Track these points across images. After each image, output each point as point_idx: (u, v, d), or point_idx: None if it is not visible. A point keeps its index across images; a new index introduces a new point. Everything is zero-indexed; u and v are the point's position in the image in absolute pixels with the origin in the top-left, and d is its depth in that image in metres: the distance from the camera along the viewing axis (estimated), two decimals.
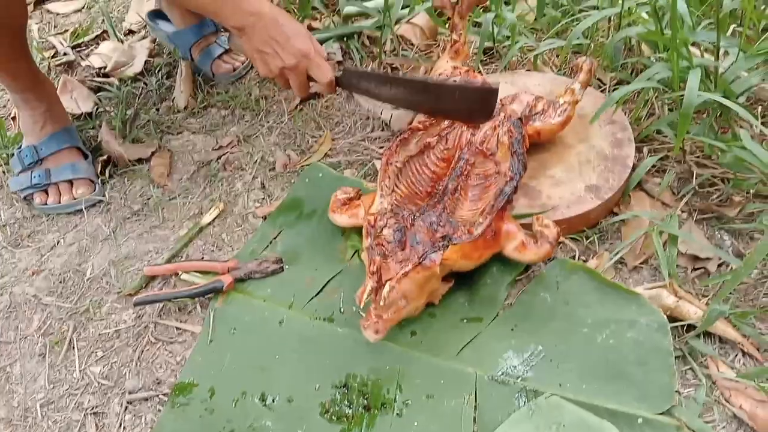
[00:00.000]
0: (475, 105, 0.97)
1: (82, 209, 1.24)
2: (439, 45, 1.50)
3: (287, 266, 1.06)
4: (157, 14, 1.60)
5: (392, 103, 1.06)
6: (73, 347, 1.04)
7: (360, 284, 0.95)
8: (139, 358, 1.00)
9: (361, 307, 0.88)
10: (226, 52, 1.51)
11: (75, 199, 1.24)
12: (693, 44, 1.19)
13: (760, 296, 0.94)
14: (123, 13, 1.84)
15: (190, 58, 1.52)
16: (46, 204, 1.25)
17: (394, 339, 0.93)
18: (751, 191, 1.06)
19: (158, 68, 1.56)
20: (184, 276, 1.07)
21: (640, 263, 1.01)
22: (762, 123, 1.14)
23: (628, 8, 1.25)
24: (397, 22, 1.51)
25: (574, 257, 1.03)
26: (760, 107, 1.17)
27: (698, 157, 1.13)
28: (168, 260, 1.12)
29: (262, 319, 0.99)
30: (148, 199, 1.25)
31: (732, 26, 1.24)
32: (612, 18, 1.29)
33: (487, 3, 1.32)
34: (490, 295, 0.96)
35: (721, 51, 1.10)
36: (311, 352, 0.94)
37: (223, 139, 1.36)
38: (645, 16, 1.23)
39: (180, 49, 1.54)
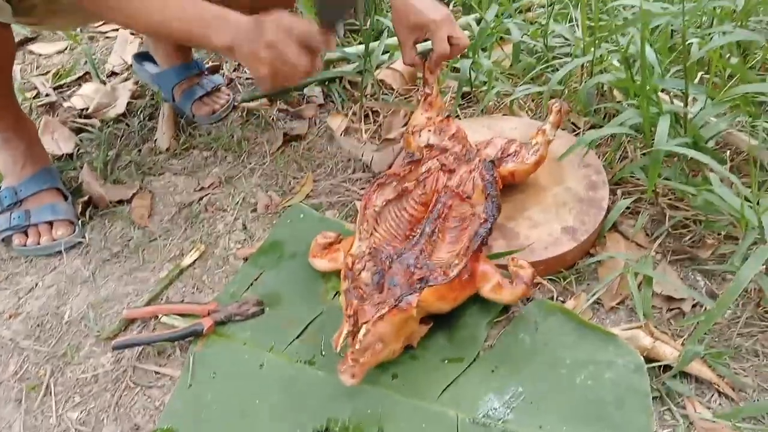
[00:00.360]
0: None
1: (61, 251, 1.23)
2: (418, 89, 1.53)
3: (268, 308, 1.06)
4: (142, 56, 1.62)
5: None
6: (50, 392, 1.02)
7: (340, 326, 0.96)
8: (117, 403, 0.99)
9: (338, 351, 0.88)
10: (208, 94, 1.53)
11: (54, 240, 1.24)
12: (662, 90, 1.23)
13: (734, 336, 0.96)
14: (106, 54, 1.86)
15: (172, 99, 1.54)
16: (25, 245, 1.24)
17: (375, 382, 0.93)
18: (723, 233, 1.09)
19: (141, 110, 1.57)
20: (163, 319, 1.06)
21: (617, 304, 1.03)
22: (731, 166, 1.18)
23: (600, 56, 1.30)
24: (378, 66, 1.54)
25: (552, 298, 1.04)
26: (728, 151, 1.21)
27: (671, 199, 1.16)
28: (148, 303, 1.11)
29: (242, 362, 0.99)
30: (129, 240, 1.25)
31: (700, 73, 1.29)
32: (585, 65, 1.34)
33: (458, 55, 1.35)
34: (470, 336, 0.97)
35: (690, 97, 1.14)
36: (292, 396, 0.94)
37: (205, 180, 1.37)
38: (616, 63, 1.28)
39: (162, 89, 1.56)
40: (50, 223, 1.25)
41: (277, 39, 0.95)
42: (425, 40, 1.17)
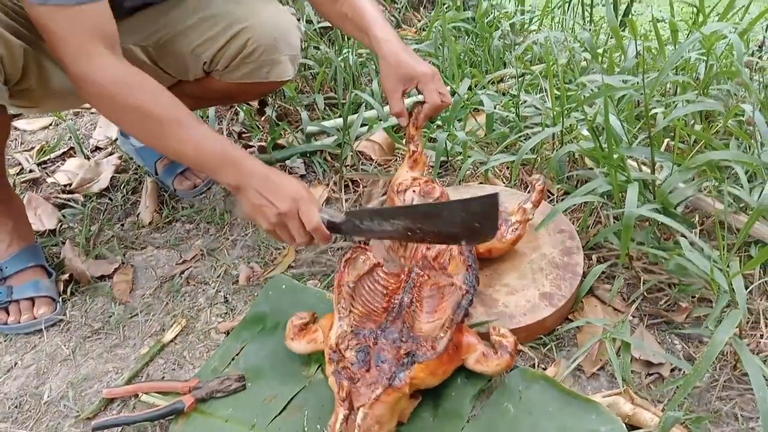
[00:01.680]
0: (479, 218, 0.95)
1: (42, 331, 1.22)
2: (397, 159, 1.57)
3: (249, 383, 1.05)
4: None
5: (397, 238, 1.05)
6: None
7: (324, 401, 0.95)
8: None
9: None
10: (189, 168, 1.55)
11: (36, 318, 1.23)
12: (630, 158, 1.28)
13: (713, 400, 0.97)
14: (90, 129, 1.90)
15: (155, 173, 1.56)
16: (6, 324, 1.23)
17: None
18: (696, 296, 1.11)
19: (124, 184, 1.59)
20: (144, 397, 1.05)
21: (597, 369, 1.04)
22: (701, 230, 1.22)
23: (570, 125, 1.35)
24: (357, 138, 1.59)
25: (533, 365, 1.05)
26: (697, 215, 1.25)
27: (645, 263, 1.19)
28: (128, 381, 1.10)
29: None
30: (110, 317, 1.24)
31: (666, 140, 1.35)
32: (555, 134, 1.39)
33: (442, 110, 1.39)
34: (454, 409, 0.97)
35: (657, 164, 1.19)
36: None
37: (187, 253, 1.38)
38: (585, 132, 1.33)
39: (146, 164, 1.59)
40: (32, 300, 1.25)
41: (288, 212, 1.01)
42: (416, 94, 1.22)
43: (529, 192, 1.19)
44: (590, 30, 1.96)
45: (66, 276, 1.31)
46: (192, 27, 1.27)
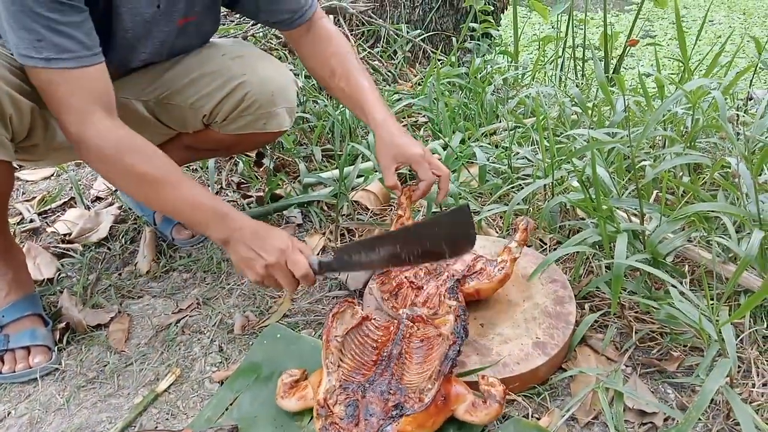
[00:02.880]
0: (456, 229, 1.04)
1: (37, 380, 1.22)
2: (392, 209, 1.60)
3: (240, 426, 1.05)
4: None
5: (385, 265, 1.11)
6: None
7: None
8: None
9: None
10: None
11: (31, 367, 1.23)
12: (620, 208, 1.31)
13: None
14: (92, 180, 1.93)
15: (154, 223, 1.59)
16: (1, 373, 1.23)
17: None
18: (688, 345, 1.12)
19: (123, 234, 1.62)
20: None
21: (591, 419, 1.04)
22: (691, 279, 1.23)
23: (561, 177, 1.39)
24: (353, 189, 1.62)
25: (527, 415, 1.05)
26: (687, 265, 1.26)
27: (637, 312, 1.20)
28: (121, 430, 1.09)
29: None
30: (104, 366, 1.24)
31: (655, 192, 1.38)
32: (547, 185, 1.42)
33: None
34: None
35: (646, 216, 1.21)
36: None
37: (183, 302, 1.39)
38: (575, 184, 1.36)
39: (144, 214, 1.61)
40: (28, 349, 1.25)
41: (276, 264, 1.07)
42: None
43: (515, 232, 1.22)
44: (581, 84, 2.02)
45: (63, 325, 1.32)
46: (192, 82, 1.32)
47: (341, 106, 1.89)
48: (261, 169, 1.82)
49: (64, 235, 1.64)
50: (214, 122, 1.35)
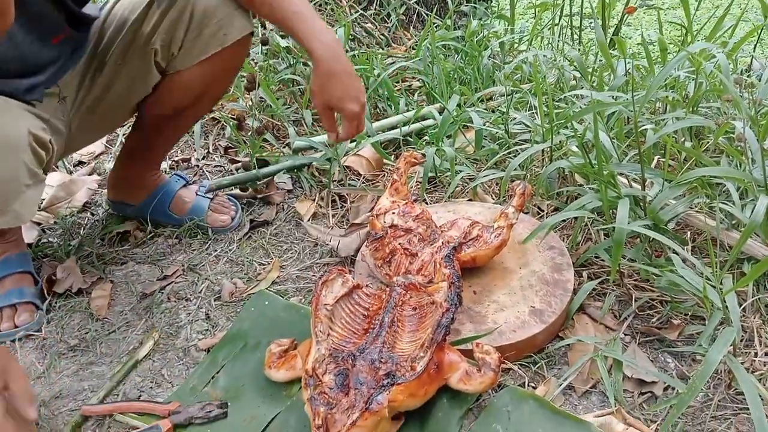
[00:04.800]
0: None
1: (16, 346, 1.18)
2: (385, 175, 1.55)
3: (230, 402, 1.01)
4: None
5: None
6: None
7: (306, 421, 0.91)
8: None
9: None
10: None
11: (16, 327, 1.20)
12: (620, 174, 1.26)
13: (707, 420, 0.94)
14: None
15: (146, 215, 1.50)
16: None
17: None
18: (689, 313, 1.09)
19: (105, 199, 1.56)
20: (119, 417, 1.01)
21: (589, 388, 1.01)
22: (693, 247, 1.20)
23: (559, 141, 1.34)
24: (345, 154, 1.57)
25: (523, 384, 1.02)
26: (689, 232, 1.23)
27: (636, 280, 1.17)
28: (103, 399, 1.05)
29: None
30: (86, 333, 1.20)
31: (656, 157, 1.33)
32: (545, 150, 1.37)
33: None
34: (441, 430, 0.93)
35: (648, 181, 1.17)
36: None
37: (169, 268, 1.34)
38: (575, 149, 1.32)
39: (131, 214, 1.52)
40: (14, 308, 1.22)
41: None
42: None
43: (511, 197, 1.18)
44: (579, 50, 1.96)
45: (44, 288, 1.27)
46: (126, 36, 1.24)
47: None
48: (244, 133, 1.75)
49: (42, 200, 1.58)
50: (172, 60, 1.24)
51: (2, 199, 1.03)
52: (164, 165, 1.70)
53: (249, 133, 1.62)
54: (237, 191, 1.56)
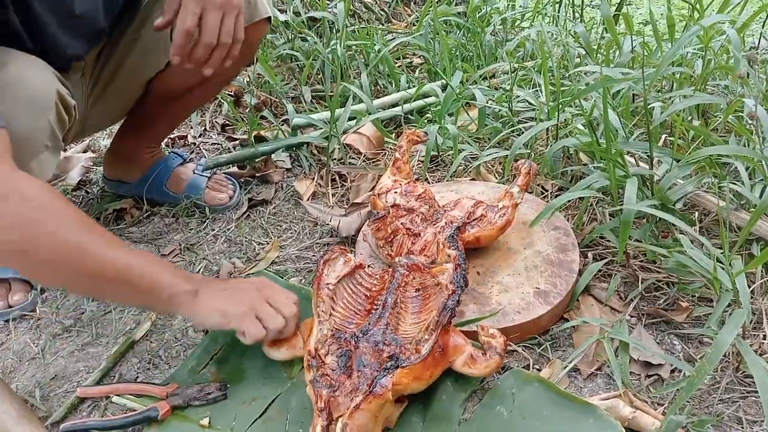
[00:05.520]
0: None
1: (10, 328, 1.16)
2: (386, 153, 1.52)
3: (229, 384, 0.99)
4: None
5: None
6: None
7: (306, 403, 0.90)
8: None
9: None
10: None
11: (10, 307, 1.18)
12: (627, 153, 1.24)
13: (715, 403, 0.92)
14: None
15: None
16: None
17: None
18: (697, 295, 1.07)
19: (101, 177, 1.53)
20: (115, 399, 0.99)
21: (595, 370, 0.99)
22: (701, 227, 1.18)
23: (564, 120, 1.31)
24: (345, 132, 1.53)
25: (527, 366, 1.00)
26: (697, 212, 1.21)
27: (642, 261, 1.15)
28: (99, 380, 1.04)
29: None
30: (82, 313, 1.18)
31: (663, 136, 1.31)
32: (550, 129, 1.34)
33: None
34: (445, 413, 0.92)
35: (655, 160, 1.14)
36: None
37: (166, 248, 1.32)
38: (581, 127, 1.29)
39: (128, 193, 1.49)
40: (8, 284, 1.20)
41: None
42: None
43: (515, 177, 1.15)
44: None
45: None
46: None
47: (332, 44, 1.79)
48: (242, 109, 1.72)
49: None
50: None
51: (19, 155, 0.98)
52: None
53: (247, 110, 1.58)
54: (235, 169, 1.53)
